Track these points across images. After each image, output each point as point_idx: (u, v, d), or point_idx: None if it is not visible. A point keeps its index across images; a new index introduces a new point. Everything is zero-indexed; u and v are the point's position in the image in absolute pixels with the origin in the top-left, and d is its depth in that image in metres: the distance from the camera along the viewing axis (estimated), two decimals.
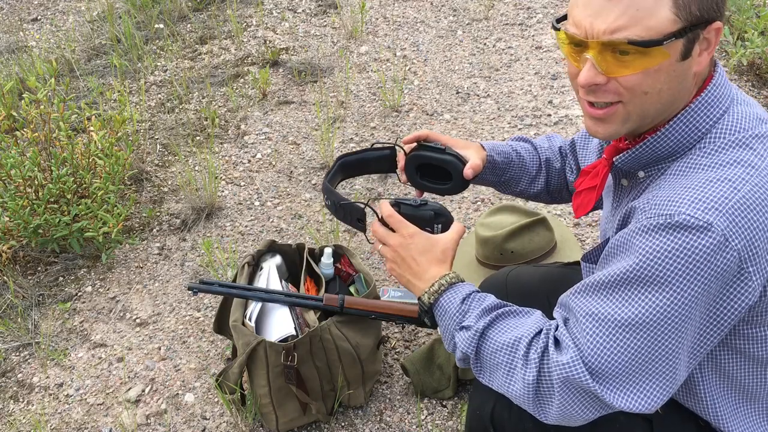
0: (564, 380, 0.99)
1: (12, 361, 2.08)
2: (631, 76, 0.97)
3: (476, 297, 1.15)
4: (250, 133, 2.96)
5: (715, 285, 0.94)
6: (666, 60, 0.95)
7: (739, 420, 1.12)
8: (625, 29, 0.94)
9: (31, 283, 2.32)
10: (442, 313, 1.17)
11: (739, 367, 1.08)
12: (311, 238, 2.39)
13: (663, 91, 0.98)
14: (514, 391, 1.06)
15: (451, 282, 1.19)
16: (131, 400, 1.92)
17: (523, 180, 1.50)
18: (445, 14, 3.79)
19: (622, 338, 0.97)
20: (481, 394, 1.27)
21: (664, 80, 0.97)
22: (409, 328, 2.04)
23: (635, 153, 1.06)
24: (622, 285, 0.97)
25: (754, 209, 0.93)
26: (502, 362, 1.06)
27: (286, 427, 1.73)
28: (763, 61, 2.98)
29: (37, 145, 2.42)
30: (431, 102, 3.07)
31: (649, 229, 0.95)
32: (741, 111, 1.03)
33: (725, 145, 0.99)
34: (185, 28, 3.80)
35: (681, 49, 0.96)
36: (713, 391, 1.11)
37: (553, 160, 1.52)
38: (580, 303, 1.03)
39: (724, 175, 0.95)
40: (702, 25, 0.95)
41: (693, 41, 0.96)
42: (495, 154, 1.44)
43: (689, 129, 1.02)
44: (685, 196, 0.95)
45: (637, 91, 0.98)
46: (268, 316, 1.71)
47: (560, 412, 1.01)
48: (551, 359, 1.01)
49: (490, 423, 1.25)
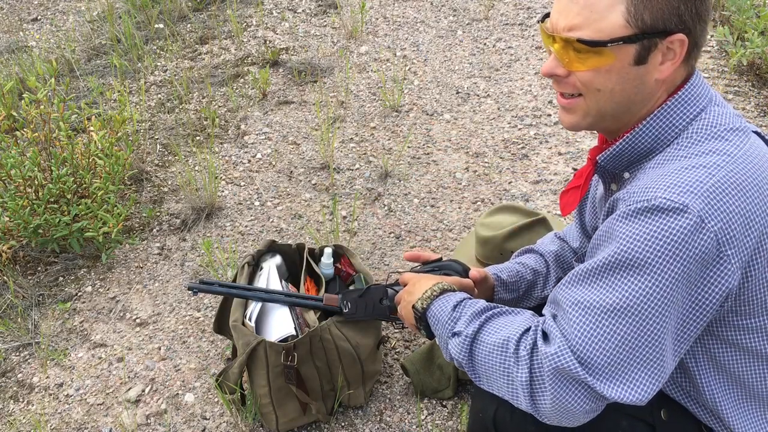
0: (554, 371, 0.99)
1: (12, 361, 2.08)
2: (585, 72, 1.04)
3: (467, 303, 1.17)
4: (250, 133, 2.96)
5: (694, 267, 0.95)
6: (615, 62, 1.02)
7: (744, 418, 1.12)
8: (578, 28, 1.02)
9: (31, 283, 2.32)
10: (435, 322, 1.19)
11: (736, 362, 1.09)
12: (311, 238, 2.39)
13: (615, 91, 1.04)
14: (512, 392, 1.06)
15: (443, 289, 1.21)
16: (131, 400, 1.92)
17: (538, 282, 1.50)
18: (445, 14, 3.79)
19: (607, 324, 0.98)
20: (483, 397, 1.27)
21: (616, 81, 1.04)
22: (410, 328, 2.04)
23: (615, 150, 1.10)
24: (605, 272, 0.99)
25: (729, 193, 0.96)
26: (496, 364, 1.07)
27: (286, 427, 1.73)
28: (763, 61, 2.98)
29: (37, 145, 2.43)
30: (431, 102, 3.07)
31: (628, 214, 0.98)
32: (718, 111, 1.06)
33: (702, 138, 1.03)
34: (185, 28, 3.80)
35: (633, 54, 1.01)
36: (714, 388, 1.11)
37: (554, 246, 1.52)
38: (565, 294, 1.04)
39: (700, 162, 0.99)
40: (659, 35, 1.00)
41: (648, 48, 1.01)
42: (500, 273, 1.46)
43: (665, 125, 1.05)
44: (662, 182, 0.98)
45: (590, 87, 1.05)
46: (268, 316, 1.71)
47: (554, 406, 1.01)
48: (540, 352, 1.02)
49: (492, 426, 1.25)
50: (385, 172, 2.66)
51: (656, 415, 1.16)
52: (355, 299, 1.57)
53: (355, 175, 2.69)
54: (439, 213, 2.48)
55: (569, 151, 2.71)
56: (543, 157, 2.69)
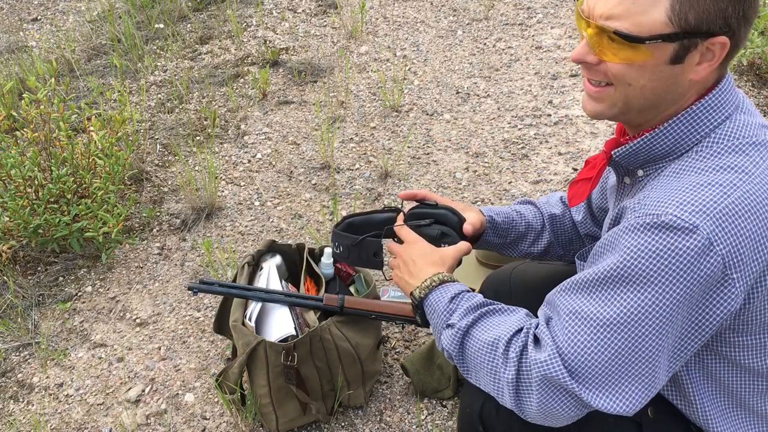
0: (542, 378, 0.99)
1: (12, 361, 2.08)
2: (617, 64, 1.00)
3: (465, 296, 1.16)
4: (250, 133, 2.96)
5: (697, 289, 0.94)
6: (650, 59, 0.98)
7: (728, 425, 1.12)
8: (617, 19, 0.97)
9: (31, 283, 2.32)
10: (431, 312, 1.19)
11: (729, 375, 1.08)
12: (311, 238, 2.39)
13: (646, 87, 1.01)
14: (498, 390, 1.06)
15: (443, 280, 1.20)
16: (131, 400, 1.92)
17: (528, 236, 1.49)
18: (445, 14, 3.79)
19: (602, 337, 0.97)
20: (471, 393, 1.28)
21: (648, 78, 1.00)
22: (409, 328, 2.04)
23: (632, 148, 1.07)
24: (605, 283, 0.98)
25: (742, 216, 0.93)
26: (484, 361, 1.08)
27: (286, 427, 1.73)
28: (763, 61, 2.98)
29: (37, 145, 2.42)
30: (431, 102, 3.07)
31: (635, 227, 0.96)
32: (743, 119, 1.02)
33: (721, 150, 0.99)
34: (185, 28, 3.80)
35: (671, 53, 0.97)
36: (703, 396, 1.10)
37: (556, 209, 1.51)
38: (563, 301, 1.04)
39: (715, 180, 0.96)
40: (701, 36, 0.95)
41: (687, 48, 0.97)
42: (495, 215, 1.45)
43: (687, 130, 1.02)
44: (674, 198, 0.95)
45: (621, 80, 1.01)
46: (268, 316, 1.71)
47: (540, 410, 1.01)
48: (530, 357, 1.01)
49: (479, 421, 1.26)
50: (385, 172, 2.66)
51: (643, 413, 1.16)
52: (348, 246, 1.48)
53: (355, 175, 2.69)
54: None
55: (569, 151, 2.71)
56: (543, 157, 2.69)
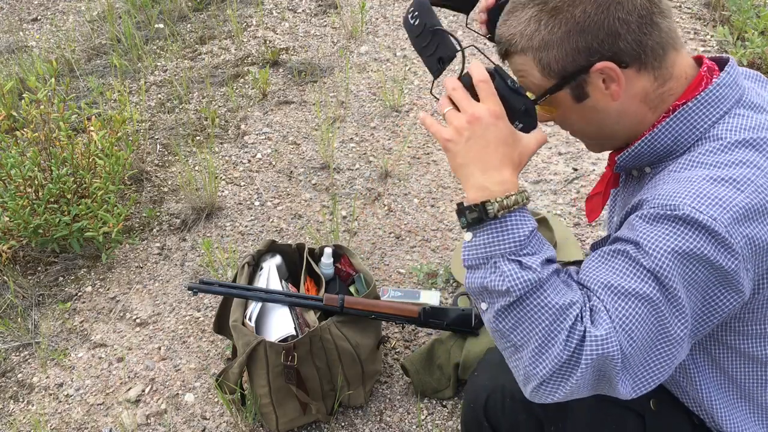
0: (597, 357, 0.91)
1: (12, 361, 2.08)
2: (555, 120, 1.10)
3: (539, 237, 1.01)
4: (250, 133, 2.96)
5: (710, 281, 0.94)
6: (559, 109, 1.06)
7: (734, 417, 1.12)
8: (525, 87, 1.06)
9: (31, 283, 2.32)
10: (497, 232, 0.97)
11: (734, 364, 1.09)
12: (311, 238, 2.39)
13: (587, 127, 1.08)
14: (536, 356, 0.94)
15: (528, 199, 1.02)
16: (131, 400, 1.92)
17: None
18: (445, 14, 3.79)
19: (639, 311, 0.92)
20: (476, 387, 1.27)
21: (578, 119, 1.07)
22: (409, 328, 2.04)
23: (634, 151, 1.08)
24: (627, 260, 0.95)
25: (756, 211, 0.93)
26: (544, 323, 0.93)
27: (286, 427, 1.73)
28: (763, 61, 2.98)
29: (37, 145, 2.42)
30: (431, 102, 3.07)
31: (653, 217, 0.95)
32: (746, 114, 1.02)
33: (731, 145, 0.99)
34: (185, 28, 3.80)
35: (569, 97, 1.03)
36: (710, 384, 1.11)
37: None
38: (592, 276, 0.98)
39: (729, 175, 0.95)
40: (576, 75, 1.01)
41: (579, 86, 1.02)
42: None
43: (686, 126, 1.02)
44: (690, 189, 0.95)
45: (565, 127, 1.10)
46: (268, 316, 1.72)
47: (566, 391, 0.94)
48: (590, 334, 0.92)
49: (483, 415, 1.25)
50: (385, 172, 2.66)
51: (645, 404, 1.16)
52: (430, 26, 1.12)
53: (355, 175, 2.69)
54: (440, 213, 2.48)
55: (569, 151, 2.71)
56: (543, 157, 2.69)
